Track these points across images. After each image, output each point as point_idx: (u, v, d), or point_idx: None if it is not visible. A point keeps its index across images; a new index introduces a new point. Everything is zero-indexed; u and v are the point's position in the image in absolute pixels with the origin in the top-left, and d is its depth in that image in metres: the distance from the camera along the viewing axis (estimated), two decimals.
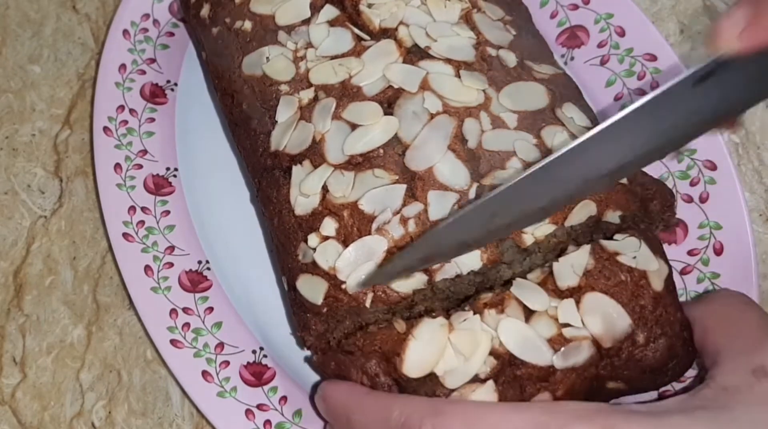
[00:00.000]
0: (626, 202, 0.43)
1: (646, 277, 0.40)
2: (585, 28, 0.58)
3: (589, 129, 0.44)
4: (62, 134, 0.59)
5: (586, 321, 0.39)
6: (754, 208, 0.56)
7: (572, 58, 0.58)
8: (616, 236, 0.42)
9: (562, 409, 0.36)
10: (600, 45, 0.57)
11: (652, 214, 0.45)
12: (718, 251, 0.50)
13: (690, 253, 0.51)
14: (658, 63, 0.55)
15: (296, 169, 0.44)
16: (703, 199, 0.51)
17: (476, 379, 0.39)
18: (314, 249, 0.43)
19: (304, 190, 0.44)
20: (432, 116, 0.44)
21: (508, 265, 0.42)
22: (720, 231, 0.50)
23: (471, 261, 0.41)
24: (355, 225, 0.42)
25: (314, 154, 0.44)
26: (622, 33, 0.57)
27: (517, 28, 0.50)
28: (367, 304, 0.41)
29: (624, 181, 0.44)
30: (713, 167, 0.52)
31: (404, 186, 0.42)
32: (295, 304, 0.44)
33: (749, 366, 0.37)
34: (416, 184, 0.42)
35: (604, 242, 0.41)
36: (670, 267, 0.42)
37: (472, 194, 0.42)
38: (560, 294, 0.40)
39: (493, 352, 0.39)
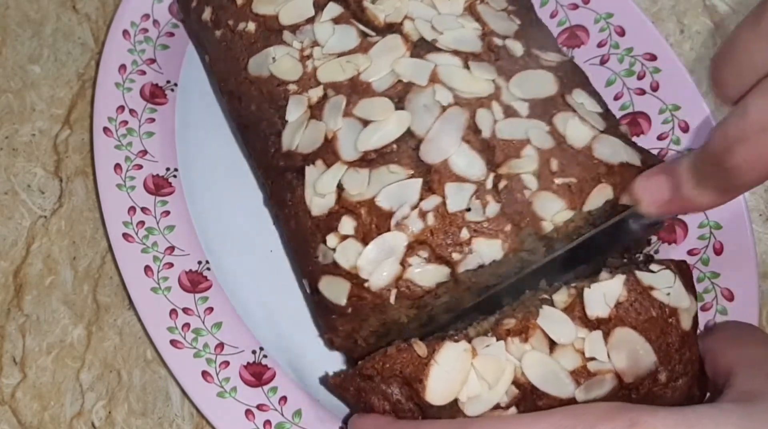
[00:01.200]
0: None
1: (677, 314, 0.40)
2: (585, 27, 0.58)
3: (599, 114, 0.45)
4: (62, 134, 0.59)
5: (611, 355, 0.39)
6: (754, 208, 0.56)
7: (572, 58, 0.57)
8: (653, 267, 0.41)
9: (586, 411, 0.36)
10: (600, 44, 0.57)
11: None
12: (718, 251, 0.50)
13: (690, 252, 0.50)
14: (657, 62, 0.55)
15: (309, 170, 0.44)
16: None
17: (497, 407, 0.38)
18: (334, 249, 0.42)
19: (319, 190, 0.44)
20: (444, 109, 0.44)
21: (529, 253, 0.42)
22: (720, 231, 0.50)
23: (492, 251, 0.41)
24: (374, 222, 0.42)
25: (327, 152, 0.44)
26: (621, 33, 0.57)
27: (521, 18, 0.50)
28: (392, 300, 0.41)
29: (637, 163, 0.44)
30: None
31: (420, 180, 0.42)
32: (318, 306, 0.44)
33: (763, 372, 0.37)
34: (432, 177, 0.42)
35: (640, 274, 0.40)
36: (697, 303, 0.42)
37: (489, 184, 0.42)
38: (588, 324, 0.39)
39: (515, 381, 0.39)
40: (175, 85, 0.58)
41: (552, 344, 0.39)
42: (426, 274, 0.41)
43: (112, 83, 0.56)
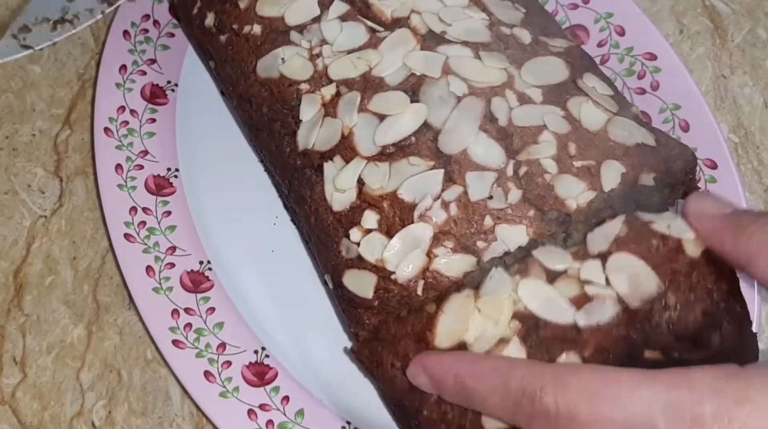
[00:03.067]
0: (658, 164, 0.44)
1: (681, 243, 0.39)
2: (585, 27, 0.58)
3: (611, 96, 0.46)
4: (62, 134, 0.59)
5: (611, 279, 0.38)
6: (754, 208, 0.56)
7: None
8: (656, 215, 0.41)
9: (693, 383, 0.32)
10: (600, 44, 0.57)
11: (676, 174, 0.45)
12: None
13: None
14: (658, 62, 0.56)
15: (328, 166, 0.45)
16: None
17: (501, 342, 0.39)
18: (358, 243, 0.43)
19: (339, 186, 0.44)
20: (459, 99, 0.44)
21: (552, 237, 0.42)
22: None
23: (517, 237, 0.42)
24: (397, 215, 0.42)
25: (344, 148, 0.44)
26: (621, 32, 0.57)
27: (525, 6, 0.51)
28: (419, 291, 0.42)
29: (652, 143, 0.44)
30: (714, 166, 0.52)
31: (441, 171, 0.43)
32: (343, 300, 0.44)
33: None
34: (452, 167, 0.43)
35: (640, 213, 0.41)
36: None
37: (509, 171, 0.42)
38: (587, 259, 0.40)
39: (517, 315, 0.39)
40: (176, 85, 0.58)
41: (551, 277, 0.39)
42: (452, 264, 0.41)
43: (112, 83, 0.56)
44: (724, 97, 0.61)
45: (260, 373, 0.48)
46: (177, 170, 0.54)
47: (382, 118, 0.44)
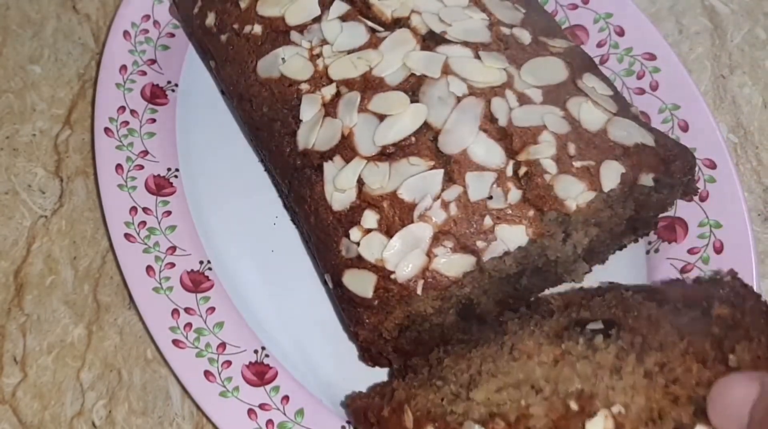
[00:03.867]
0: (657, 164, 0.44)
1: None
2: (584, 27, 0.58)
3: (610, 96, 0.46)
4: (63, 134, 0.59)
5: None
6: (753, 208, 0.56)
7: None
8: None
9: None
10: (599, 44, 0.57)
11: (675, 174, 0.45)
12: (718, 250, 0.50)
13: (690, 251, 0.51)
14: (657, 62, 0.56)
15: (327, 166, 0.45)
16: (703, 198, 0.51)
17: None
18: (358, 243, 0.43)
19: (339, 186, 0.44)
20: (459, 99, 0.44)
21: (551, 237, 0.42)
22: (720, 229, 0.51)
23: (517, 237, 0.42)
24: (397, 214, 0.43)
25: (344, 148, 0.45)
26: (621, 32, 0.57)
27: (525, 6, 0.51)
28: (419, 291, 0.42)
29: (651, 143, 0.44)
30: (713, 166, 0.52)
31: (441, 171, 0.43)
32: (342, 300, 0.45)
33: None
34: (452, 167, 0.43)
35: None
36: None
37: (509, 172, 0.43)
38: None
39: None
40: (176, 85, 0.58)
41: None
42: (452, 263, 0.42)
43: (112, 83, 0.56)
44: (723, 97, 0.61)
45: (260, 373, 0.48)
46: (177, 170, 0.54)
47: (382, 118, 0.45)
